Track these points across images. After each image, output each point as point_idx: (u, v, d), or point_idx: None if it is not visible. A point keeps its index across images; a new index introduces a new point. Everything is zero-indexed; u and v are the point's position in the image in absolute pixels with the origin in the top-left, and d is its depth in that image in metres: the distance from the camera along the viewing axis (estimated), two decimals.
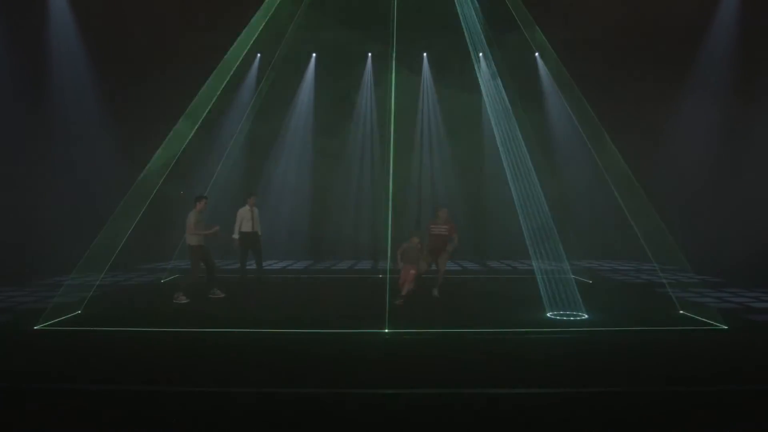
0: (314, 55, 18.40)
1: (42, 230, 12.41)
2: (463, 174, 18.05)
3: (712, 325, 7.63)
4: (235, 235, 10.54)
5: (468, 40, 9.92)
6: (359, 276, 13.32)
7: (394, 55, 9.34)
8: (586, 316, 8.09)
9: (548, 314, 8.26)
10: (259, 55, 17.88)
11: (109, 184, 12.88)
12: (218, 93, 8.73)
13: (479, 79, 10.77)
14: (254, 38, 8.93)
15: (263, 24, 8.98)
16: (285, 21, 12.94)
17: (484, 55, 17.97)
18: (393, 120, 8.67)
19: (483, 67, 11.61)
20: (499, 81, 9.87)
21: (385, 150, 17.72)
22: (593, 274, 13.41)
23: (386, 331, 7.16)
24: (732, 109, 13.08)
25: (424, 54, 18.68)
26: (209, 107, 8.64)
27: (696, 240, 13.94)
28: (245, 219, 10.58)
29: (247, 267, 10.88)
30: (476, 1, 11.69)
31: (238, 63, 8.88)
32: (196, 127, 8.61)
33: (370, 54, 18.46)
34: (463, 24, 10.00)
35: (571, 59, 16.07)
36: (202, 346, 6.56)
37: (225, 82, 8.78)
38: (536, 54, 18.04)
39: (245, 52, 8.94)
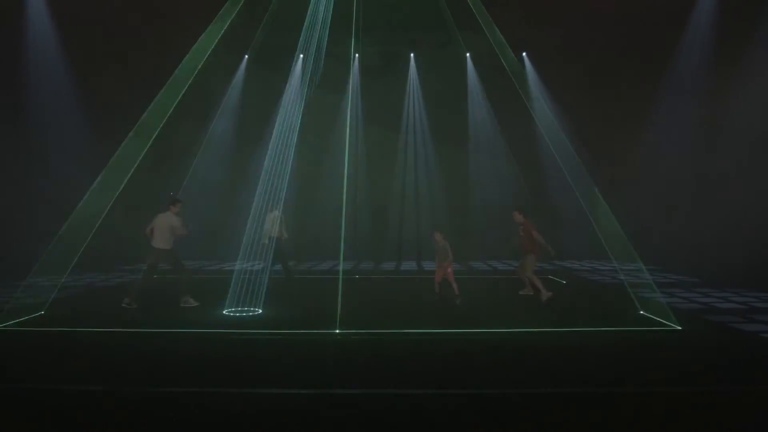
0: (301, 56, 18.51)
1: (24, 231, 12.53)
2: (447, 176, 18.12)
3: (666, 325, 7.65)
4: (265, 241, 10.80)
5: None
6: (333, 277, 13.37)
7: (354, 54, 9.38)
8: (261, 311, 8.47)
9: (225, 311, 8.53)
10: (246, 56, 18.05)
11: (90, 184, 13.01)
12: (184, 90, 8.82)
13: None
14: (214, 43, 9.00)
15: (224, 27, 9.06)
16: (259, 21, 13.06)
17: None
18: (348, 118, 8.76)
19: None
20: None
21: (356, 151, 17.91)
22: (570, 275, 13.43)
23: (337, 331, 7.23)
24: (711, 108, 13.07)
25: (411, 54, 18.75)
26: (175, 104, 8.73)
27: (676, 240, 13.96)
28: (273, 224, 10.79)
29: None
30: None
31: (202, 61, 8.95)
32: (158, 129, 8.68)
33: (357, 55, 18.56)
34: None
35: (554, 63, 16.24)
36: (165, 346, 6.63)
37: (189, 81, 8.87)
38: (524, 54, 18.12)
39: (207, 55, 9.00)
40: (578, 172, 9.12)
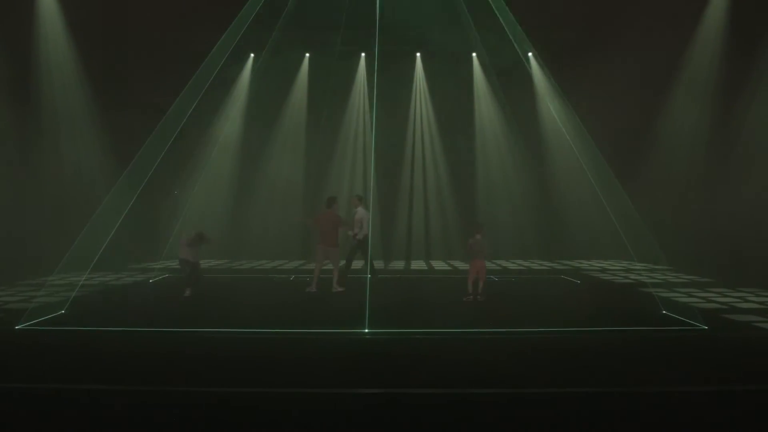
0: (307, 55, 18.44)
1: (30, 229, 12.41)
2: (455, 174, 18.11)
3: (692, 325, 7.66)
4: (359, 236, 10.56)
5: None
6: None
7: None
8: None
9: None
10: (252, 55, 17.92)
11: (98, 183, 12.95)
12: (201, 93, 8.77)
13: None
14: (237, 38, 8.96)
15: (246, 24, 9.02)
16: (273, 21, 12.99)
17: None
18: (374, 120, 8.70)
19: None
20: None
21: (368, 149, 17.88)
22: (582, 275, 13.43)
23: (366, 331, 7.18)
24: (722, 107, 13.12)
25: (417, 54, 18.68)
26: (193, 107, 8.67)
27: (687, 240, 14.00)
28: (366, 221, 10.68)
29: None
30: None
31: (221, 63, 8.91)
32: (179, 128, 8.64)
33: (363, 54, 18.52)
34: None
35: (562, 60, 16.24)
36: (186, 346, 6.57)
37: (209, 82, 8.82)
38: (529, 54, 18.11)
39: (228, 52, 8.96)
40: (602, 170, 9.10)
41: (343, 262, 10.54)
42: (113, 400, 4.77)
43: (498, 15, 9.69)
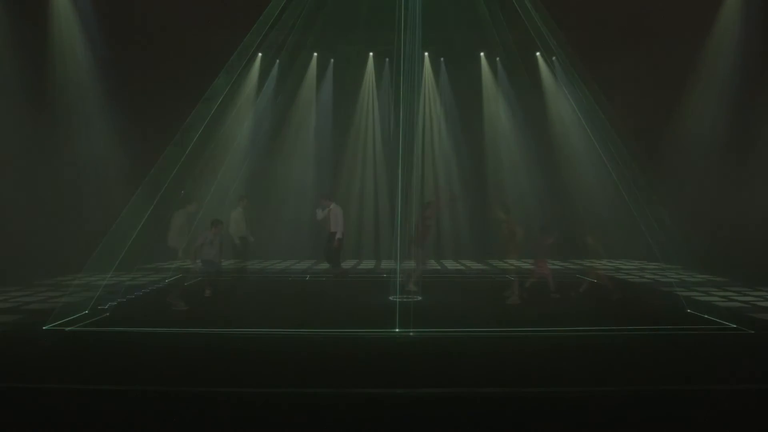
0: (315, 54, 18.38)
1: (43, 229, 12.31)
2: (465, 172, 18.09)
3: (720, 323, 7.65)
4: (338, 235, 10.86)
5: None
6: (363, 276, 13.29)
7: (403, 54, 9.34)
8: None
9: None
10: (260, 54, 17.83)
11: (110, 183, 12.88)
12: (224, 93, 8.74)
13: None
14: (259, 38, 8.93)
15: (268, 24, 8.98)
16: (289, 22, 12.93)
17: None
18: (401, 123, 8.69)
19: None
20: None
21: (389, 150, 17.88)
22: (596, 274, 13.38)
23: (396, 330, 7.14)
24: (738, 106, 13.11)
25: (425, 54, 18.64)
26: (214, 107, 8.63)
27: (699, 239, 13.98)
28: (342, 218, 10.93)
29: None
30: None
31: (243, 63, 8.89)
32: (201, 128, 8.60)
33: (371, 54, 18.48)
34: None
35: (577, 58, 16.19)
36: (210, 347, 6.54)
37: (231, 82, 8.79)
38: (537, 54, 18.09)
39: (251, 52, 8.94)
40: (624, 167, 9.09)
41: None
42: (133, 399, 4.76)
43: (520, 12, 9.66)
